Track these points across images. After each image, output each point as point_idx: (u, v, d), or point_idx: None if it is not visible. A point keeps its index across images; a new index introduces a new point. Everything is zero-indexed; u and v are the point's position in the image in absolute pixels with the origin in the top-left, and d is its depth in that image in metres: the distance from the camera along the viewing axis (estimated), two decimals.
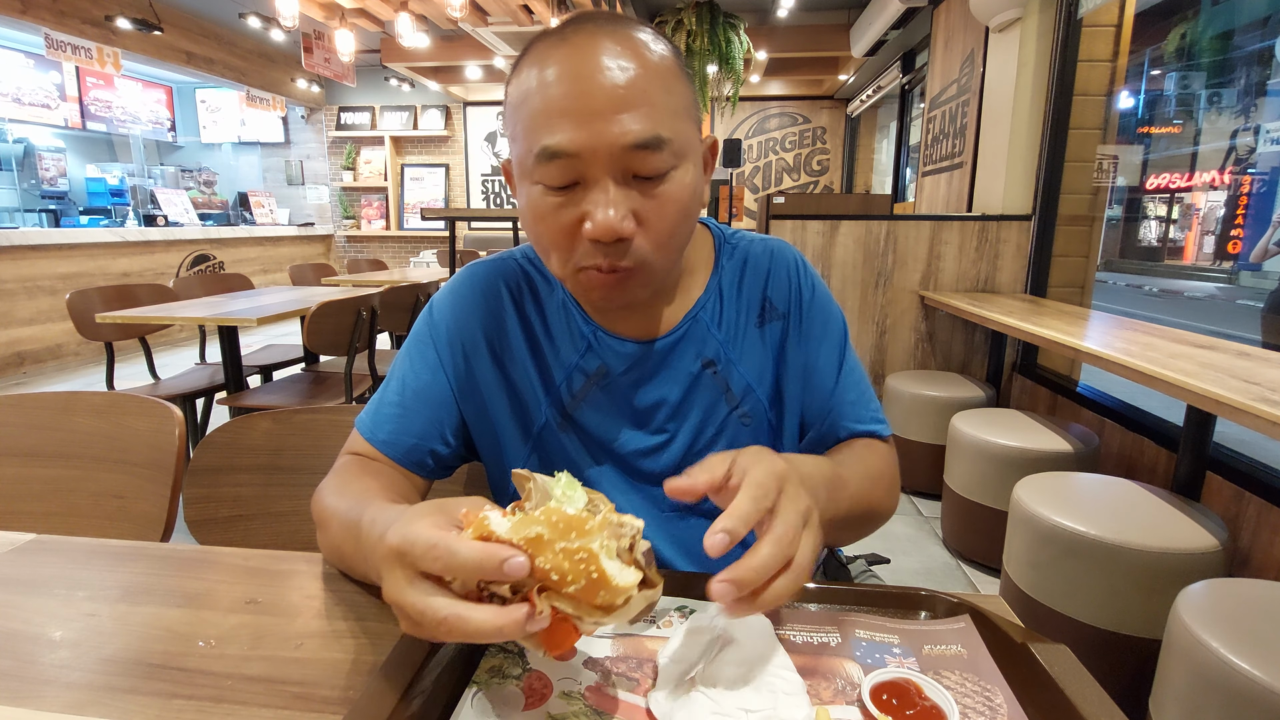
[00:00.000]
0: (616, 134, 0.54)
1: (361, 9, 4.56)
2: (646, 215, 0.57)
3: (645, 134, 0.54)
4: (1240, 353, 1.61)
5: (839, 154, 7.69)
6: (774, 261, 0.74)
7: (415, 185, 8.14)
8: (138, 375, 2.87)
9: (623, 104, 0.54)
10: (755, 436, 0.71)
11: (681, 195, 0.58)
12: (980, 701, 0.44)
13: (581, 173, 0.55)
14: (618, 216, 0.55)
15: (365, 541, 0.50)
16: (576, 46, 0.55)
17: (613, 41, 0.55)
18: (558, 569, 0.38)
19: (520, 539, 0.39)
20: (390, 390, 0.71)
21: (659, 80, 0.56)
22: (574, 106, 0.54)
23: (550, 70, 0.55)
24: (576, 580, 0.38)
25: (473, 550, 0.38)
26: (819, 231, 3.04)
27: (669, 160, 0.56)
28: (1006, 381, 3.00)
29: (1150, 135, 3.32)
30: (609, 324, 0.70)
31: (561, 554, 0.38)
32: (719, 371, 0.70)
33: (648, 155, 0.55)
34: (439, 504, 0.44)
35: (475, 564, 0.38)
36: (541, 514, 0.40)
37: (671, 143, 0.56)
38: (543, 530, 0.39)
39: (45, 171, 6.41)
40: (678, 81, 0.58)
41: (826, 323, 0.74)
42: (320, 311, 2.19)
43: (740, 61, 5.14)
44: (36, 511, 0.90)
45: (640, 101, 0.54)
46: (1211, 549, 1.38)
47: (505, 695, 0.44)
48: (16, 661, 0.49)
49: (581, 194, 0.56)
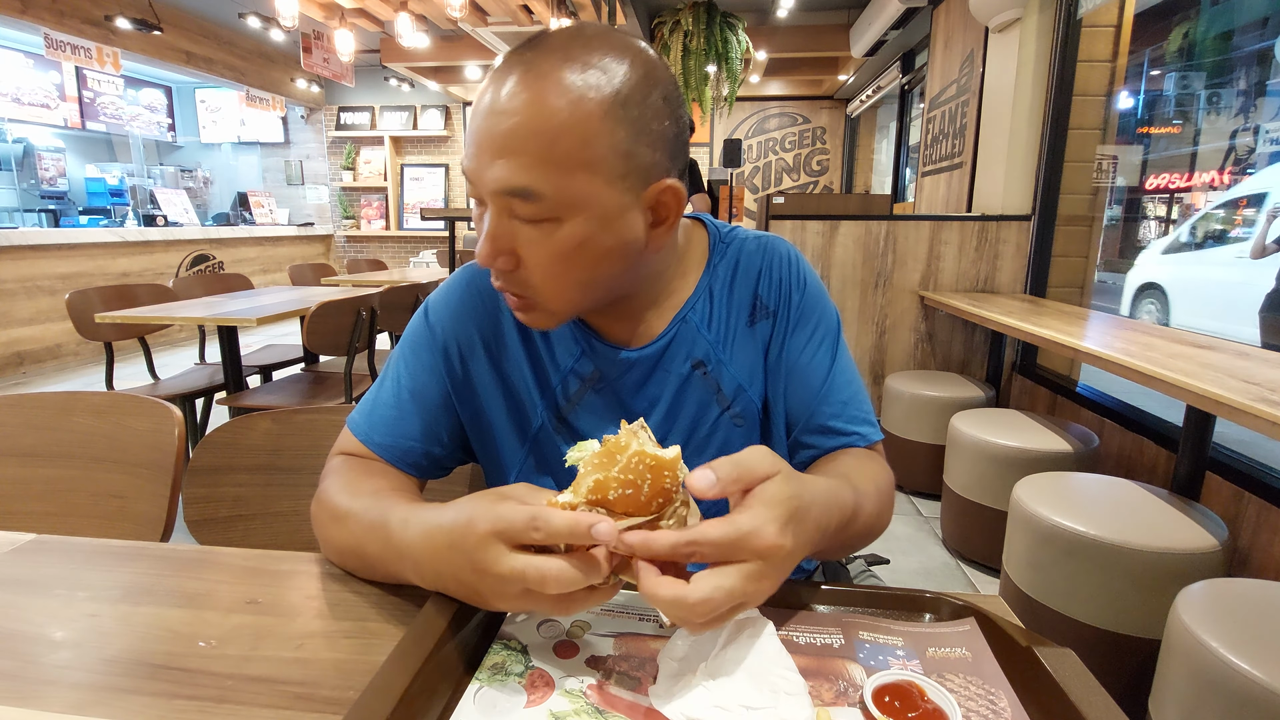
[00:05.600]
0: (491, 177, 0.55)
1: (361, 9, 4.56)
2: (527, 255, 0.58)
3: (510, 183, 0.54)
4: (1240, 353, 1.61)
5: (839, 154, 7.69)
6: (766, 259, 0.73)
7: (415, 185, 8.14)
8: (137, 375, 2.87)
9: (501, 149, 0.54)
10: (748, 437, 0.71)
11: (561, 247, 0.57)
12: (984, 705, 0.44)
13: (479, 198, 0.58)
14: (487, 250, 0.58)
15: (402, 537, 0.52)
16: (494, 80, 0.56)
17: (521, 85, 0.54)
18: (625, 484, 0.44)
19: (586, 492, 0.45)
20: (385, 391, 0.70)
21: (549, 134, 0.53)
22: (472, 139, 0.57)
23: (479, 96, 0.58)
24: (643, 477, 0.44)
25: (564, 519, 0.43)
26: (819, 231, 3.04)
27: (546, 210, 0.55)
28: (1006, 381, 3.00)
29: (1150, 135, 3.32)
30: (600, 329, 0.70)
31: (620, 473, 0.44)
32: (709, 372, 0.70)
33: (519, 202, 0.55)
34: (499, 491, 0.50)
35: (569, 530, 0.43)
36: (584, 466, 0.46)
37: (545, 197, 0.54)
38: (597, 474, 0.45)
39: (45, 171, 6.41)
40: (585, 133, 0.54)
41: (818, 320, 0.72)
42: (320, 311, 2.19)
43: (739, 61, 5.13)
44: (36, 511, 0.90)
45: (516, 151, 0.54)
46: (1211, 549, 1.38)
47: (508, 692, 0.44)
48: (17, 662, 0.49)
49: None
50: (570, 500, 0.45)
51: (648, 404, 0.70)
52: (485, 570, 0.45)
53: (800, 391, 0.71)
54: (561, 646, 0.49)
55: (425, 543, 0.50)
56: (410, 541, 0.51)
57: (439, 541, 0.48)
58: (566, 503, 0.45)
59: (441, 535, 0.48)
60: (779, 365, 0.71)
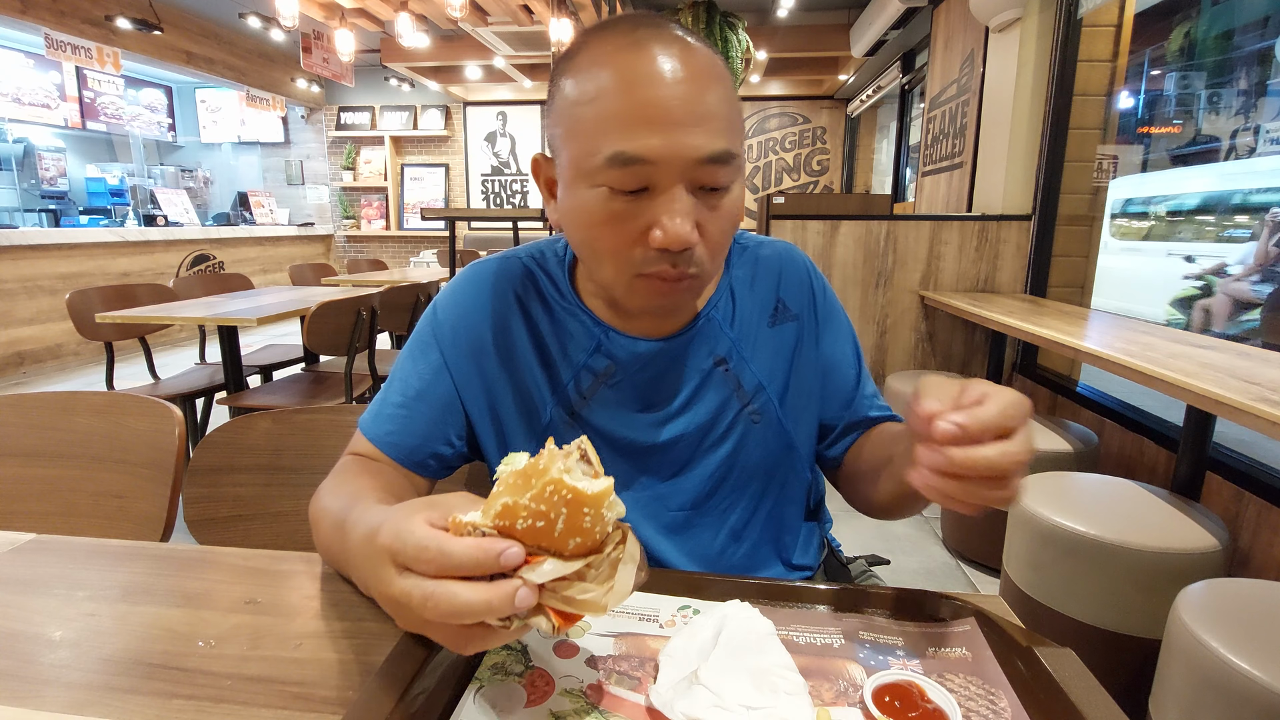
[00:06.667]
0: (694, 146, 0.54)
1: (361, 9, 4.56)
2: (707, 226, 0.57)
3: (719, 148, 0.54)
4: (1240, 353, 1.61)
5: (839, 154, 7.69)
6: (785, 264, 0.75)
7: (415, 185, 8.14)
8: (138, 375, 2.87)
9: (701, 117, 0.54)
10: (765, 434, 0.72)
11: (736, 208, 0.60)
12: (984, 705, 0.44)
13: (652, 179, 0.55)
14: (688, 226, 0.55)
15: (349, 541, 0.49)
16: (651, 52, 0.54)
17: (687, 53, 0.55)
18: (535, 515, 0.38)
19: (493, 516, 0.39)
20: (393, 390, 0.70)
21: (727, 97, 0.57)
22: (654, 114, 0.53)
23: (623, 72, 0.54)
24: (557, 510, 0.38)
25: (466, 548, 0.38)
26: (819, 231, 3.04)
27: (733, 174, 0.57)
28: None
29: (1150, 135, 3.32)
30: (621, 324, 0.70)
31: (532, 501, 0.38)
32: (730, 369, 0.71)
33: (717, 169, 0.55)
34: (430, 500, 0.44)
35: (473, 561, 0.37)
36: (498, 485, 0.40)
37: (737, 158, 0.56)
38: (507, 497, 0.39)
39: (45, 171, 6.41)
40: (736, 97, 0.59)
41: (841, 320, 0.78)
42: (320, 311, 2.19)
43: (739, 61, 5.13)
44: (36, 511, 0.90)
45: (715, 115, 0.55)
46: (1211, 549, 1.37)
47: (508, 692, 0.44)
48: (16, 661, 0.49)
49: (648, 200, 0.56)
50: (475, 521, 0.39)
51: (665, 397, 0.70)
52: (380, 590, 0.41)
53: (838, 388, 0.76)
54: (561, 646, 0.49)
55: (357, 549, 0.48)
56: (352, 546, 0.49)
57: (360, 550, 0.47)
58: (470, 523, 0.39)
59: (363, 544, 0.46)
60: (813, 365, 0.74)
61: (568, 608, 0.39)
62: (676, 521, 0.72)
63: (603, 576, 0.40)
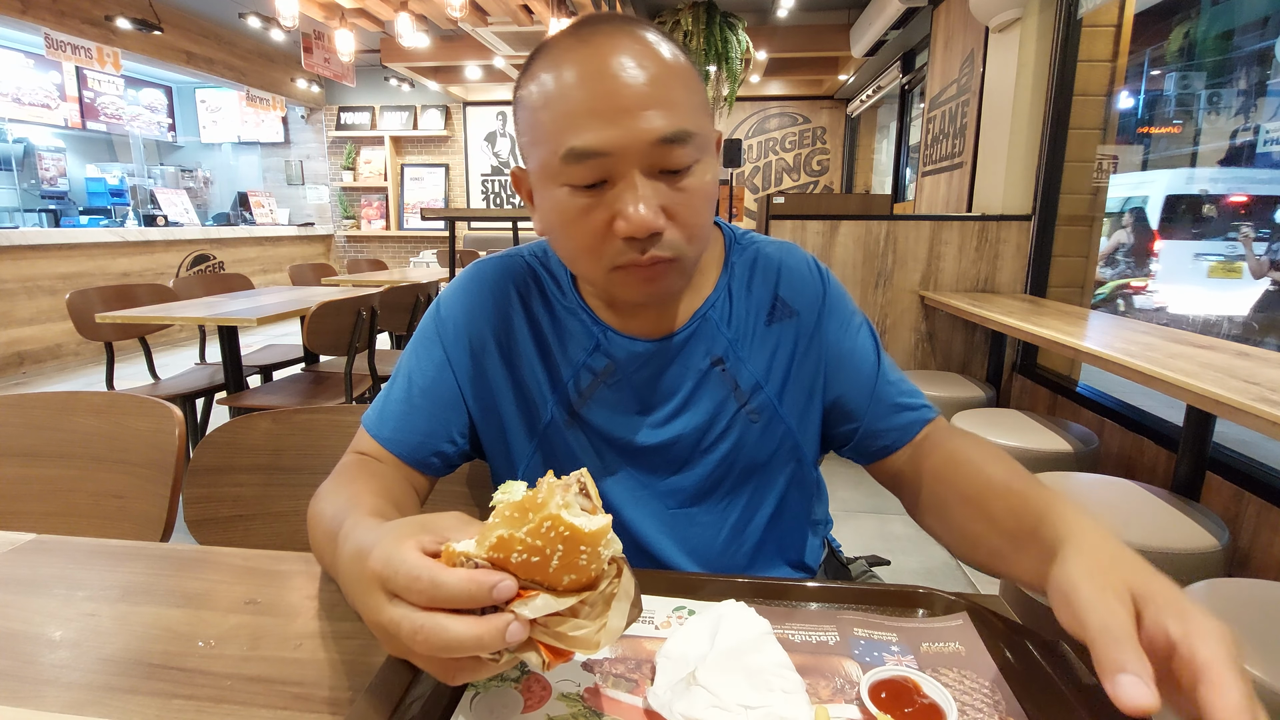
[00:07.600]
0: (644, 129, 0.54)
1: (361, 9, 4.56)
2: (675, 209, 0.58)
3: (671, 128, 0.55)
4: (1240, 353, 1.61)
5: (839, 154, 7.69)
6: (785, 262, 0.75)
7: (415, 185, 8.14)
8: (138, 375, 2.87)
9: (649, 100, 0.54)
10: (763, 433, 0.72)
11: (705, 188, 0.59)
12: (979, 699, 0.44)
13: (610, 170, 0.56)
14: (649, 212, 0.55)
15: (339, 556, 0.48)
16: (597, 47, 0.56)
17: (631, 41, 0.56)
18: (531, 550, 0.37)
19: (488, 548, 0.38)
20: (396, 388, 0.71)
21: (679, 77, 0.57)
22: (601, 105, 0.54)
23: (571, 71, 0.55)
24: (553, 546, 0.37)
25: (459, 580, 0.37)
26: (819, 231, 3.04)
27: (693, 154, 0.57)
28: (1006, 381, 3.00)
29: (1150, 135, 3.32)
30: (619, 323, 0.70)
31: (528, 535, 0.37)
32: (728, 369, 0.71)
33: (674, 149, 0.56)
34: (422, 522, 0.42)
35: (465, 594, 0.36)
36: (494, 515, 0.39)
37: (695, 136, 0.57)
38: (503, 529, 0.38)
39: (45, 171, 6.42)
40: (694, 78, 0.60)
41: (850, 309, 0.76)
42: (320, 311, 2.19)
43: (739, 61, 5.13)
44: (36, 511, 0.90)
45: (664, 97, 0.55)
46: (1211, 549, 1.37)
47: (505, 697, 0.44)
48: (16, 661, 0.49)
49: (610, 192, 0.56)
50: (469, 551, 0.38)
51: (663, 397, 0.70)
52: (368, 616, 0.40)
53: (856, 376, 0.73)
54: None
55: (346, 568, 0.46)
56: (342, 564, 0.47)
57: (350, 570, 0.45)
58: (464, 553, 0.38)
59: (352, 564, 0.44)
60: (818, 361, 0.73)
61: (559, 644, 0.39)
62: (676, 519, 0.72)
63: (596, 613, 0.39)
